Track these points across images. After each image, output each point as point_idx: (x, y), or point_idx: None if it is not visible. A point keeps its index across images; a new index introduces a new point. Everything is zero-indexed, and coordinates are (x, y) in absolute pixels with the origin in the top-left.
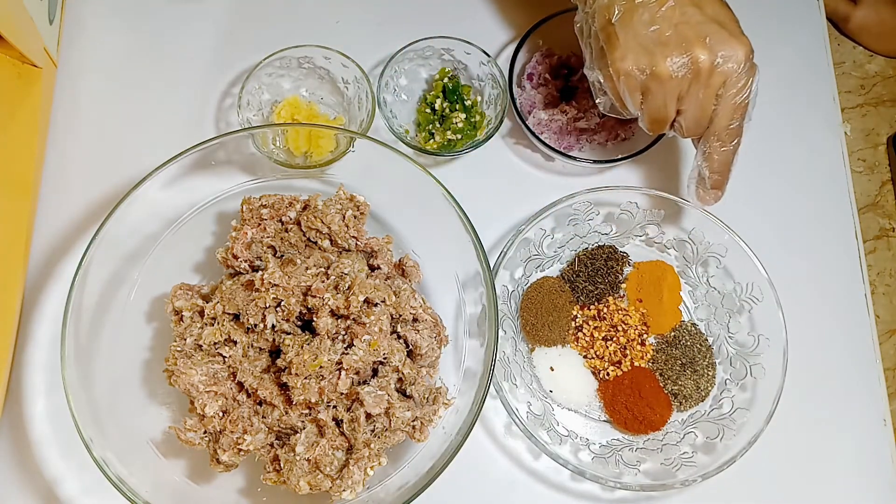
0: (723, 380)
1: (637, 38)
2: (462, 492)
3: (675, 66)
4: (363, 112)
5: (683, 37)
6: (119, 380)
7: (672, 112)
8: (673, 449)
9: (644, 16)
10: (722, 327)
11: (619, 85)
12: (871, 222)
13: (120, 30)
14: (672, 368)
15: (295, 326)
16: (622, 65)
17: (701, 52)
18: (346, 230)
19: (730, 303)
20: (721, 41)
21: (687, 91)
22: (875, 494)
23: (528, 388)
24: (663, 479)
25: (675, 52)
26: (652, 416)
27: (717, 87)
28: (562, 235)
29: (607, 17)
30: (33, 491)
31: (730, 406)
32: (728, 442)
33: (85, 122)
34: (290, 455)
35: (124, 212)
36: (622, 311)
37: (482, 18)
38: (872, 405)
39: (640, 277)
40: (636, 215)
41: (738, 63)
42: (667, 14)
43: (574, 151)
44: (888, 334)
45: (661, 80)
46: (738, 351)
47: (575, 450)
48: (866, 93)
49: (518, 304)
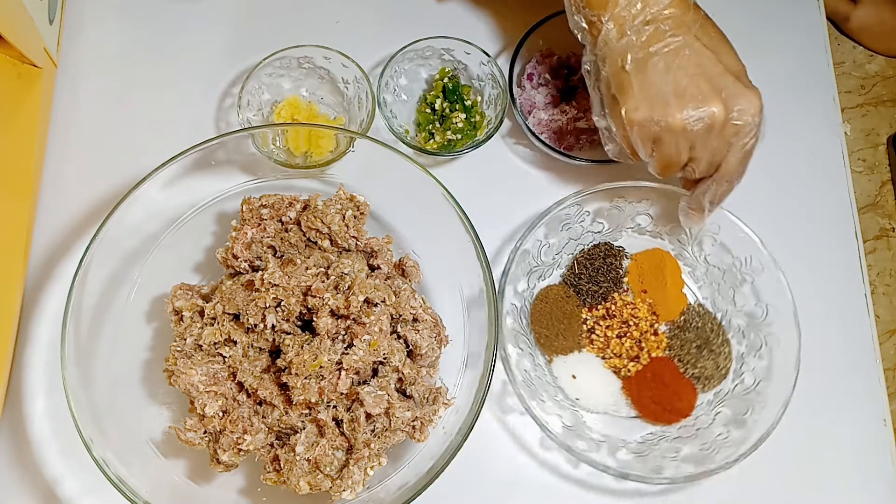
0: (739, 354)
1: (652, 88)
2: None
3: (692, 119)
4: (363, 112)
5: (700, 89)
6: (119, 380)
7: (684, 159)
8: (707, 432)
9: (659, 64)
10: (728, 302)
11: (631, 134)
12: (871, 222)
13: (120, 30)
14: (689, 352)
15: (295, 326)
16: (636, 115)
17: (717, 105)
18: (346, 230)
19: (731, 277)
20: (737, 94)
21: (700, 141)
22: (875, 494)
23: (554, 401)
24: (704, 465)
25: (691, 104)
26: (679, 403)
27: (729, 136)
28: (556, 241)
29: (620, 63)
30: (33, 491)
31: (752, 379)
32: (758, 416)
33: (85, 122)
34: (290, 455)
35: (124, 212)
36: (630, 306)
37: (482, 18)
38: (872, 405)
39: (641, 268)
40: (625, 209)
41: (753, 116)
42: (683, 63)
43: (574, 151)
44: (888, 334)
45: (675, 131)
46: (748, 322)
47: (613, 451)
48: (866, 93)
49: (528, 318)
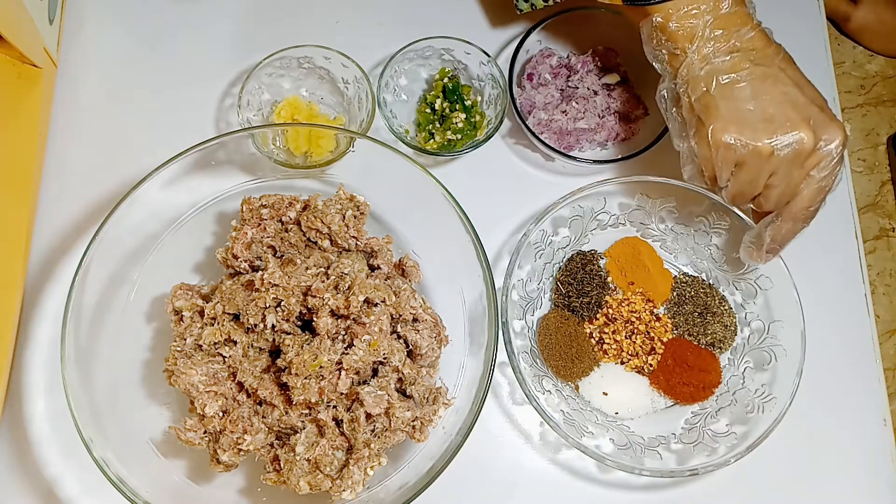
0: (738, 304)
1: (739, 112)
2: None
3: (780, 145)
4: (363, 112)
5: (788, 116)
6: (119, 380)
7: (760, 187)
8: (744, 392)
9: (746, 90)
10: (707, 258)
11: (715, 156)
12: (871, 222)
13: (120, 30)
14: (695, 324)
15: (295, 326)
16: (722, 136)
17: (807, 132)
18: (346, 230)
19: (701, 237)
20: (823, 124)
21: (783, 168)
22: (875, 494)
23: (598, 426)
24: (755, 426)
25: (780, 130)
26: (707, 376)
27: (810, 168)
28: (530, 268)
29: (705, 87)
30: (33, 491)
31: (760, 326)
32: (781, 361)
33: (85, 121)
34: (290, 455)
35: (124, 212)
36: (625, 303)
37: (482, 18)
38: (872, 405)
39: (618, 262)
40: (585, 212)
41: (837, 147)
42: (769, 90)
43: (574, 151)
44: (888, 334)
45: (761, 156)
46: (735, 274)
47: (668, 450)
48: (866, 93)
49: (539, 356)
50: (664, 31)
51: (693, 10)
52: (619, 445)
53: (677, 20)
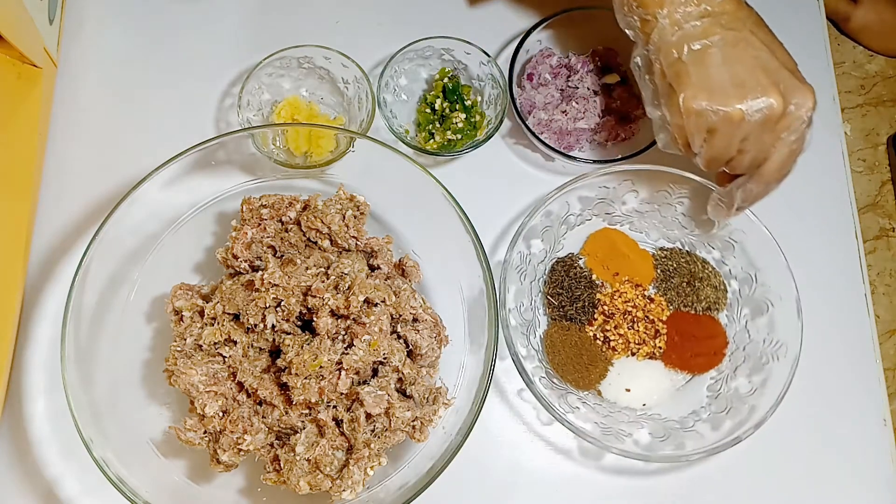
0: (719, 261)
1: (710, 78)
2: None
3: (751, 110)
4: (363, 112)
5: (759, 81)
6: (119, 380)
7: (733, 152)
8: (755, 346)
9: (717, 55)
10: (677, 227)
11: (687, 123)
12: (871, 222)
13: (120, 30)
14: (686, 294)
15: (295, 326)
16: (694, 103)
17: (776, 97)
18: (346, 230)
19: (666, 209)
20: (794, 88)
21: (754, 133)
22: (875, 494)
23: (633, 424)
24: (775, 375)
25: (750, 95)
26: (715, 341)
27: (782, 131)
28: (516, 289)
29: (676, 54)
30: (33, 491)
31: (747, 276)
32: (778, 307)
33: (85, 122)
34: (290, 455)
35: (124, 212)
36: (616, 295)
37: (482, 18)
38: (872, 405)
39: (597, 257)
40: (554, 218)
41: (807, 111)
42: (740, 56)
43: (574, 151)
44: (888, 334)
45: (733, 121)
46: (707, 235)
47: (704, 424)
48: (866, 93)
49: (555, 375)
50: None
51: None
52: (658, 437)
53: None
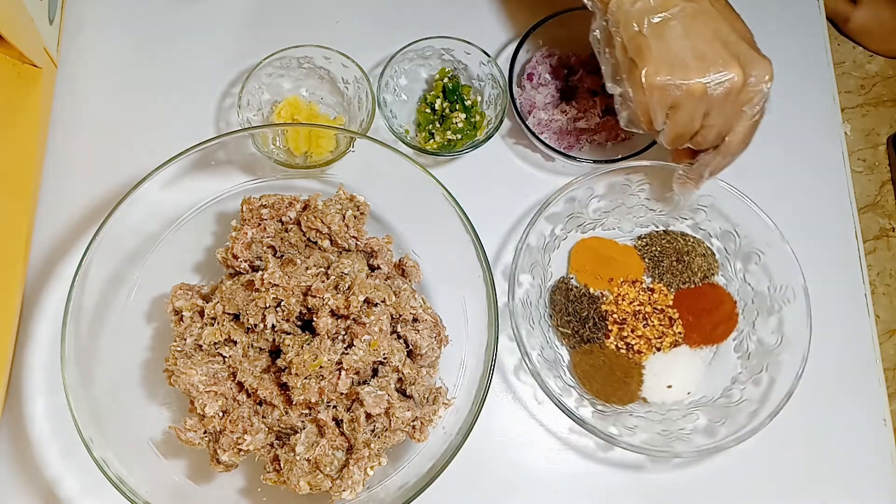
0: (695, 226)
1: (671, 52)
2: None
3: (712, 83)
4: (363, 112)
5: (719, 54)
6: (119, 380)
7: (697, 126)
8: (761, 296)
9: (677, 28)
10: (645, 214)
11: (650, 98)
12: (871, 222)
13: (120, 30)
14: (679, 271)
15: (295, 326)
16: (656, 79)
17: (737, 70)
18: (346, 230)
19: (630, 199)
20: (752, 61)
21: (716, 107)
22: (875, 494)
23: (688, 417)
24: (792, 315)
25: (712, 68)
26: (724, 306)
27: (743, 103)
28: (528, 334)
29: (637, 27)
30: (33, 491)
31: (725, 230)
32: (769, 253)
33: (85, 122)
34: (290, 455)
35: (124, 212)
36: (619, 300)
37: (483, 18)
38: (872, 405)
39: (587, 271)
40: (536, 255)
41: (766, 83)
42: (700, 29)
43: (574, 151)
44: (888, 334)
45: (695, 95)
46: (674, 212)
47: (754, 385)
48: (866, 93)
49: (599, 401)
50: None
51: None
52: (716, 421)
53: None
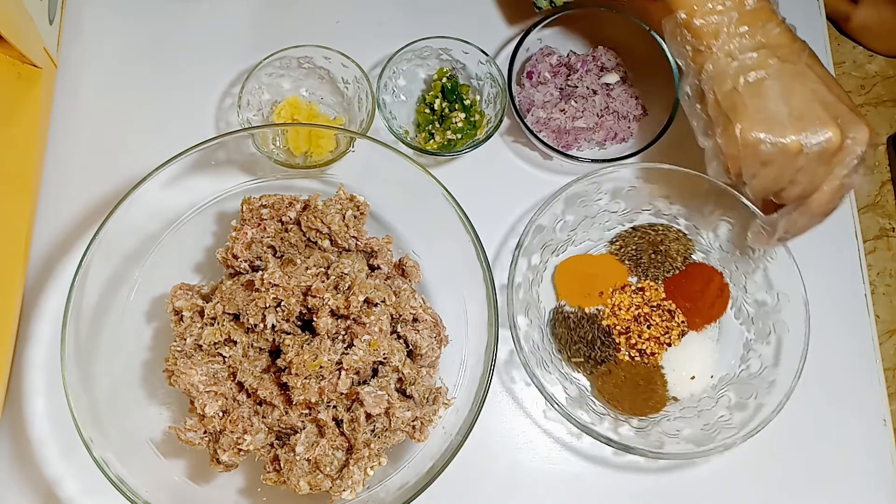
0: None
1: (767, 110)
2: None
3: (809, 143)
4: (363, 112)
5: (817, 114)
6: (119, 380)
7: (785, 183)
8: (743, 259)
9: (774, 87)
10: (601, 216)
11: (742, 153)
12: (871, 222)
13: (120, 30)
14: (660, 262)
15: (295, 326)
16: (751, 134)
17: (835, 131)
18: (346, 230)
19: (591, 209)
20: (851, 122)
21: (809, 166)
22: (875, 494)
23: (720, 399)
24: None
25: (809, 128)
26: (713, 281)
27: (835, 165)
28: (547, 377)
29: (732, 84)
30: (33, 491)
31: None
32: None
33: (85, 122)
34: (290, 455)
35: (124, 212)
36: (616, 311)
37: (483, 17)
38: (872, 405)
39: (573, 293)
40: (525, 295)
41: (863, 146)
42: (797, 88)
43: (572, 150)
44: (888, 334)
45: (789, 154)
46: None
47: (768, 348)
48: (866, 93)
49: (634, 421)
50: (689, 27)
51: (718, 6)
52: (746, 396)
53: (701, 16)
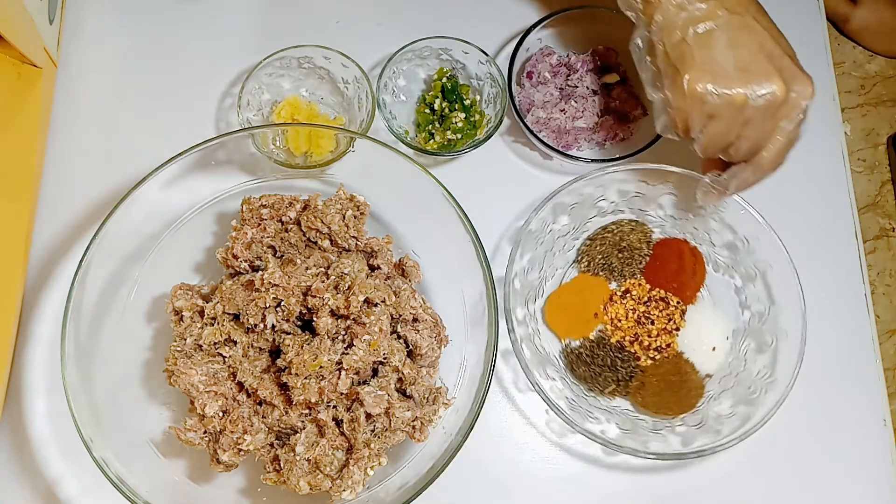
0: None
1: (714, 61)
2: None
3: (754, 95)
4: (363, 112)
5: (762, 67)
6: (119, 380)
7: (733, 138)
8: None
9: (722, 38)
10: (557, 236)
11: (690, 106)
12: (871, 222)
13: (120, 30)
14: (628, 258)
15: (295, 326)
16: (698, 85)
17: (779, 84)
18: (346, 230)
19: (545, 238)
20: (795, 76)
21: (755, 120)
22: (875, 494)
23: (750, 359)
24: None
25: (754, 80)
26: (684, 253)
27: (781, 118)
28: (588, 419)
29: (681, 35)
30: (33, 491)
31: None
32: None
33: (85, 122)
34: (290, 455)
35: (124, 212)
36: (616, 322)
37: (483, 17)
38: (872, 405)
39: (569, 327)
40: (532, 353)
41: (807, 100)
42: (744, 39)
43: (572, 150)
44: (888, 334)
45: (736, 106)
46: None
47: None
48: (866, 93)
49: (680, 421)
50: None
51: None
52: (768, 343)
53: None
